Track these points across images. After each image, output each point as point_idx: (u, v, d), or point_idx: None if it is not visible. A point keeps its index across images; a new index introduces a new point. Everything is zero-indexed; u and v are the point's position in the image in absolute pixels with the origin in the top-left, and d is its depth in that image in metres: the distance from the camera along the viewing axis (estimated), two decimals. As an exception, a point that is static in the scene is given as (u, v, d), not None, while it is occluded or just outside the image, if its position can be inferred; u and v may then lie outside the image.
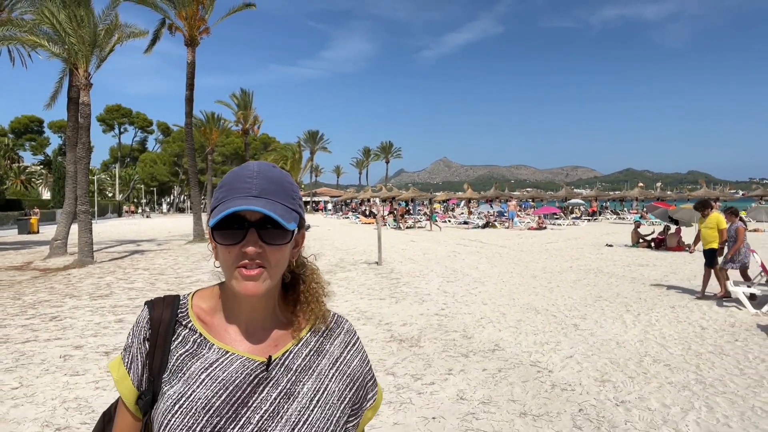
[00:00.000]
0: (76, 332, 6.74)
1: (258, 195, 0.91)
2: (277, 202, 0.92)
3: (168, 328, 0.99)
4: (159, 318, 1.01)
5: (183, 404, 0.91)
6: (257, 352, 0.98)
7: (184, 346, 0.98)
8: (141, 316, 1.03)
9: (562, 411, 4.18)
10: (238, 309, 1.00)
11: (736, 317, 7.55)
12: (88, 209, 14.63)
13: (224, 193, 0.93)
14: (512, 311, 7.99)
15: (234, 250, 0.91)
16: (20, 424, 3.95)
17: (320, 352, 1.03)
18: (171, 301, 1.03)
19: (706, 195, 47.00)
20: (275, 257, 0.93)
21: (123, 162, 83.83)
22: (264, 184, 0.93)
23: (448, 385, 4.78)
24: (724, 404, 4.35)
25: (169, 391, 0.94)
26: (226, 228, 0.91)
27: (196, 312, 1.02)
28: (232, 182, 0.94)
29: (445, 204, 55.24)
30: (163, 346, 0.98)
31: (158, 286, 10.55)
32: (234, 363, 0.95)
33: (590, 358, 5.59)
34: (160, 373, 0.97)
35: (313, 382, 0.98)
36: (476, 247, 18.74)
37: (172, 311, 1.02)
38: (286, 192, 0.96)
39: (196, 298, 1.05)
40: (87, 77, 14.04)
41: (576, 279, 11.20)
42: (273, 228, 0.91)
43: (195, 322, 1.00)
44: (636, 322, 7.25)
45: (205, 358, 0.96)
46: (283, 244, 0.93)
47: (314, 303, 1.05)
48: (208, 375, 0.93)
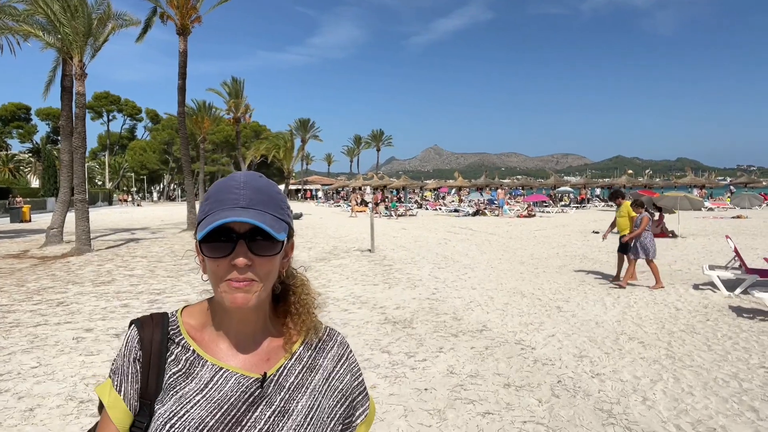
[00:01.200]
0: (84, 316, 7.06)
1: (246, 206, 0.90)
2: (265, 212, 0.91)
3: (161, 348, 0.97)
4: (150, 338, 0.97)
5: (174, 424, 0.89)
6: (251, 368, 0.97)
7: (177, 365, 0.96)
8: (129, 336, 0.99)
9: (542, 382, 4.60)
10: (228, 323, 0.98)
11: (710, 299, 8.02)
12: (85, 198, 14.86)
13: (211, 206, 0.92)
14: (500, 295, 8.40)
15: (223, 263, 0.89)
16: (45, 398, 4.29)
17: (313, 368, 1.02)
18: (160, 320, 1.00)
19: (692, 182, 47.76)
20: (265, 269, 0.92)
21: (112, 150, 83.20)
22: (252, 195, 0.92)
23: (438, 361, 5.18)
24: (690, 376, 4.79)
25: (160, 410, 0.92)
26: (215, 241, 0.90)
27: (186, 329, 1.00)
28: (219, 194, 0.93)
29: (436, 192, 55.70)
30: (157, 367, 0.95)
31: (158, 273, 10.85)
32: (229, 381, 0.94)
33: (570, 337, 6.01)
34: (156, 396, 0.94)
35: (307, 399, 0.97)
36: (466, 235, 19.15)
37: (162, 330, 0.99)
38: (275, 202, 0.94)
39: (185, 314, 1.03)
40: (82, 67, 14.17)
41: (562, 264, 11.64)
42: (262, 239, 0.90)
43: (188, 339, 0.98)
44: (615, 304, 7.69)
45: (200, 378, 0.94)
46: (273, 255, 0.92)
47: (305, 315, 1.04)
48: (203, 396, 0.92)
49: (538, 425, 3.78)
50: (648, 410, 4.04)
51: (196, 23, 21.91)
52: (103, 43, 15.03)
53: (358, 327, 6.45)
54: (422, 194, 54.94)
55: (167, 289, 9.05)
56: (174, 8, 21.15)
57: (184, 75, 21.94)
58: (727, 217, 27.64)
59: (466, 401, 4.19)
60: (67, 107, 16.52)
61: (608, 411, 4.02)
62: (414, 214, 32.89)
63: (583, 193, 46.85)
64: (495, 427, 3.75)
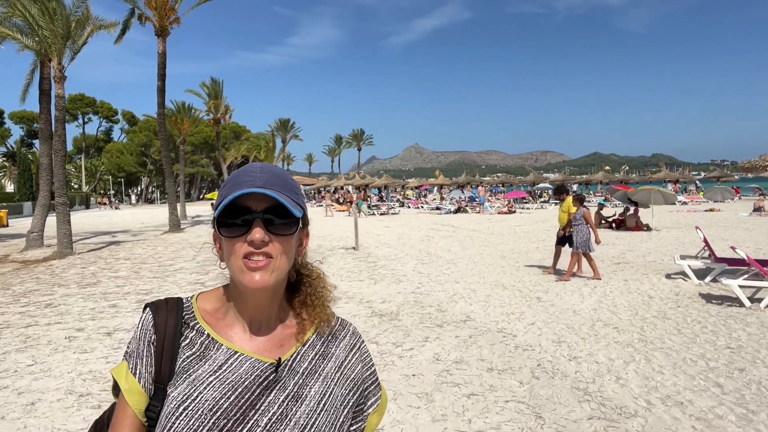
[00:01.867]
0: (73, 317, 7.13)
1: (263, 186, 0.92)
2: (282, 192, 0.93)
3: (175, 332, 0.97)
4: (164, 322, 0.98)
5: (188, 406, 0.89)
6: (265, 353, 0.98)
7: (191, 349, 0.96)
8: (144, 320, 0.99)
9: (522, 366, 4.86)
10: (243, 308, 0.99)
11: (681, 287, 8.39)
12: (66, 201, 14.78)
13: (229, 189, 0.94)
14: (482, 288, 8.68)
15: (239, 242, 0.91)
16: (44, 393, 4.41)
17: (326, 356, 1.03)
18: (175, 304, 1.01)
19: (666, 177, 48.85)
20: (282, 248, 0.93)
21: (88, 153, 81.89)
22: (268, 178, 0.94)
23: (425, 350, 5.41)
24: (661, 357, 5.09)
25: (174, 392, 0.92)
26: (232, 219, 0.92)
27: (201, 314, 1.01)
28: (237, 177, 0.96)
29: (418, 190, 56.06)
30: (171, 351, 0.96)
31: (143, 274, 10.89)
32: (244, 364, 0.95)
33: (549, 325, 6.30)
34: (170, 379, 0.95)
35: (320, 385, 0.98)
36: (448, 232, 19.46)
37: (177, 314, 0.99)
38: (290, 187, 0.97)
39: (200, 300, 1.04)
40: (61, 70, 14.10)
41: (541, 258, 11.98)
42: (279, 219, 0.93)
43: (203, 323, 0.99)
44: (592, 293, 8.02)
45: (214, 360, 0.95)
46: (289, 234, 0.95)
47: (320, 307, 1.05)
48: (217, 377, 0.93)
49: (519, 404, 4.03)
50: (621, 388, 4.33)
51: (175, 24, 21.85)
52: (82, 46, 14.96)
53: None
54: (404, 193, 55.25)
55: (154, 289, 9.13)
56: (152, 10, 21.07)
57: (164, 76, 21.85)
58: (700, 210, 28.45)
59: (452, 384, 4.43)
60: (46, 110, 16.37)
61: (584, 389, 4.30)
62: (396, 213, 33.15)
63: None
64: (479, 406, 3.99)
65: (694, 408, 3.93)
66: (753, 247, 12.77)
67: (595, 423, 3.70)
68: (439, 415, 3.86)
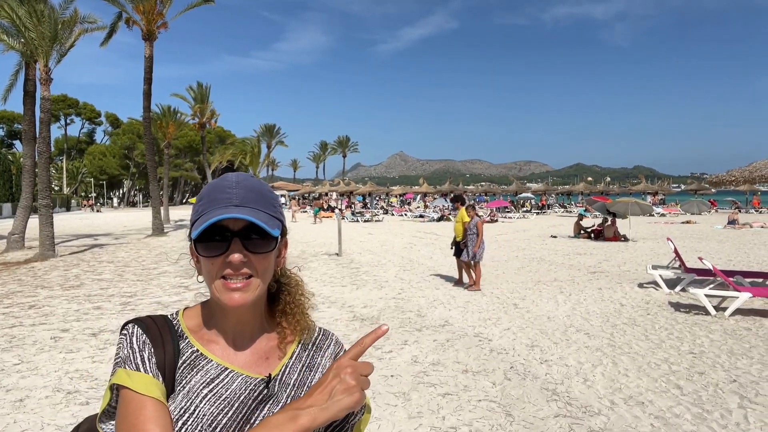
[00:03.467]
0: (58, 318, 7.21)
1: (239, 204, 0.91)
2: (259, 210, 0.92)
3: (174, 348, 0.95)
4: (156, 329, 0.96)
5: (187, 420, 0.89)
6: (252, 367, 0.98)
7: (181, 357, 0.95)
8: (130, 331, 0.95)
9: (496, 368, 5.10)
10: (226, 323, 0.99)
11: (652, 296, 8.72)
12: (49, 203, 14.75)
13: (204, 206, 0.93)
14: (461, 294, 8.92)
15: (218, 262, 0.91)
16: (32, 391, 4.52)
17: (312, 367, 1.04)
18: (163, 321, 0.99)
19: (645, 189, 49.77)
20: (261, 266, 0.93)
21: (69, 154, 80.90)
22: (244, 193, 0.93)
23: (404, 352, 5.62)
24: (627, 360, 5.37)
25: (171, 406, 0.90)
26: (209, 240, 0.91)
27: (189, 329, 1.00)
28: (212, 193, 0.94)
29: (402, 198, 56.40)
30: (171, 343, 0.95)
31: (126, 277, 10.95)
32: (236, 380, 0.95)
33: (524, 330, 6.55)
34: (173, 368, 0.93)
35: None
36: (431, 239, 19.72)
37: (170, 332, 0.97)
38: (267, 200, 0.96)
39: (185, 316, 1.03)
40: (47, 72, 14.12)
41: (520, 266, 12.28)
42: (257, 237, 0.92)
43: (190, 338, 0.98)
44: (567, 301, 8.31)
45: (206, 371, 0.94)
46: (267, 252, 0.94)
47: (300, 315, 1.05)
48: (211, 391, 0.92)
49: (491, 403, 4.26)
50: (587, 389, 4.58)
51: (163, 29, 21.92)
52: (69, 48, 14.99)
53: (327, 324, 6.82)
54: (388, 200, 55.54)
55: (138, 292, 9.21)
56: (140, 14, 21.12)
57: (150, 80, 21.88)
58: (677, 222, 29.15)
59: (428, 385, 4.65)
60: (30, 112, 16.32)
61: (553, 390, 4.54)
62: (380, 220, 33.37)
63: (544, 199, 48.34)
64: (453, 405, 4.21)
65: (654, 407, 4.19)
66: (725, 259, 13.23)
67: (561, 420, 3.93)
68: (415, 412, 4.07)
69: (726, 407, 4.20)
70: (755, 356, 5.51)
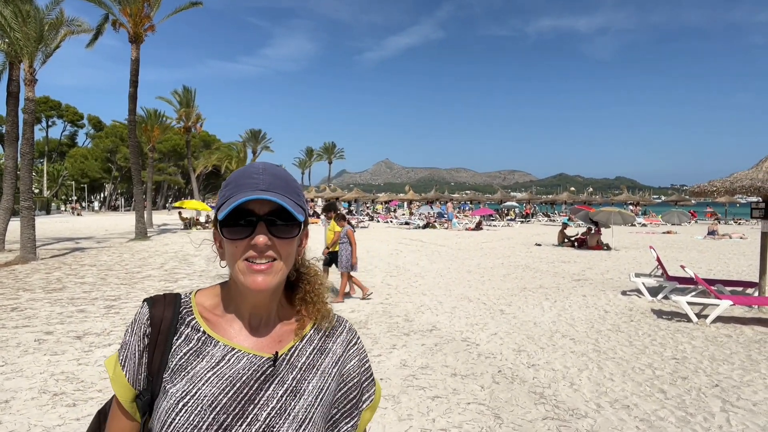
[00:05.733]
0: (41, 320, 7.10)
1: (266, 189, 0.93)
2: (285, 195, 0.94)
3: (170, 327, 0.98)
4: (160, 316, 0.99)
5: (188, 402, 0.90)
6: (263, 348, 0.98)
7: (188, 344, 0.97)
8: (141, 314, 1.00)
9: (484, 372, 5.15)
10: (243, 306, 1.00)
11: (635, 303, 8.87)
12: (31, 206, 14.51)
13: (231, 191, 0.94)
14: (448, 300, 8.97)
15: (242, 245, 0.92)
16: (17, 392, 4.46)
17: (323, 351, 1.04)
18: (172, 300, 1.02)
19: (627, 199, 50.48)
20: (285, 250, 0.94)
21: (50, 157, 79.68)
22: (271, 180, 0.94)
23: (392, 356, 5.65)
24: (612, 365, 5.46)
25: (172, 389, 0.93)
26: (235, 223, 0.92)
27: (199, 310, 1.02)
28: (239, 179, 0.96)
29: (387, 205, 56.49)
30: (163, 345, 0.97)
31: (110, 281, 10.81)
32: (242, 360, 0.95)
33: (511, 335, 6.62)
34: (160, 372, 0.96)
35: (318, 380, 1.00)
36: (417, 246, 19.79)
37: (174, 309, 1.00)
38: (292, 189, 0.97)
39: (199, 296, 1.05)
40: (32, 73, 13.95)
41: (506, 273, 12.38)
42: (281, 222, 0.93)
43: (199, 320, 0.99)
44: (552, 307, 8.41)
45: (211, 356, 0.95)
46: (292, 237, 0.95)
47: (320, 303, 1.06)
48: (215, 373, 0.93)
49: (480, 405, 4.30)
50: (574, 392, 4.65)
51: (150, 32, 21.77)
52: (55, 50, 14.83)
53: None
54: (374, 207, 55.59)
55: (122, 295, 9.11)
56: (127, 16, 20.95)
57: (136, 83, 21.68)
58: (658, 232, 29.64)
59: (418, 388, 4.68)
60: (13, 113, 16.06)
61: (540, 393, 4.60)
62: (366, 226, 33.37)
63: (528, 208, 48.79)
64: (442, 408, 4.25)
65: (639, 411, 4.27)
66: (705, 268, 13.49)
67: (549, 423, 3.99)
68: (405, 414, 4.10)
69: (709, 411, 4.29)
70: (736, 362, 5.64)
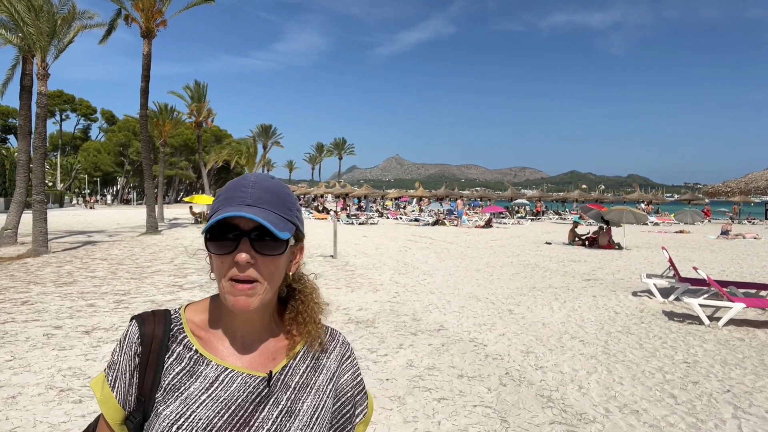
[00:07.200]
0: (51, 315, 7.15)
1: (252, 204, 0.91)
2: (271, 211, 0.92)
3: (161, 345, 0.96)
4: (151, 334, 0.97)
5: (182, 425, 0.89)
6: (256, 367, 0.97)
7: (180, 364, 0.95)
8: (130, 332, 0.98)
9: (492, 373, 5.10)
10: (234, 322, 0.98)
11: (646, 305, 8.76)
12: (43, 199, 14.64)
13: (220, 203, 0.94)
14: (456, 299, 8.92)
15: (227, 260, 0.90)
16: (24, 388, 4.48)
17: (317, 368, 1.03)
18: (162, 316, 1.00)
19: (639, 198, 50.07)
20: (268, 269, 0.92)
21: (64, 150, 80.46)
22: (259, 194, 0.93)
23: (399, 356, 5.61)
24: (621, 369, 5.38)
25: (165, 411, 0.91)
26: (220, 237, 0.91)
27: (190, 327, 0.99)
28: (228, 191, 0.95)
29: (397, 201, 56.43)
30: (155, 364, 0.95)
31: (120, 275, 10.88)
32: (236, 381, 0.94)
33: (519, 336, 6.56)
34: (152, 393, 0.93)
35: (312, 399, 0.98)
36: (426, 243, 19.72)
37: (165, 327, 0.98)
38: (283, 202, 0.95)
39: (189, 312, 1.02)
40: (45, 67, 14.04)
41: (515, 272, 12.30)
42: (268, 238, 0.91)
43: (191, 337, 0.98)
44: (561, 308, 8.33)
45: (205, 377, 0.94)
46: (276, 254, 0.92)
47: (311, 324, 1.03)
48: (209, 396, 0.92)
49: (486, 408, 4.26)
50: (582, 396, 4.59)
51: (162, 27, 21.86)
52: (68, 44, 14.92)
53: (323, 326, 6.80)
54: (383, 203, 55.55)
55: (132, 290, 9.16)
56: (139, 11, 21.05)
57: (148, 78, 21.79)
58: (670, 231, 29.29)
59: (424, 389, 4.64)
60: (26, 107, 16.22)
61: (548, 397, 4.55)
62: (375, 223, 33.36)
63: (539, 206, 48.49)
64: (449, 410, 4.21)
65: (649, 416, 4.20)
66: (718, 269, 13.30)
67: (557, 427, 3.94)
68: (411, 416, 4.06)
69: (720, 417, 4.21)
70: (748, 366, 5.54)
